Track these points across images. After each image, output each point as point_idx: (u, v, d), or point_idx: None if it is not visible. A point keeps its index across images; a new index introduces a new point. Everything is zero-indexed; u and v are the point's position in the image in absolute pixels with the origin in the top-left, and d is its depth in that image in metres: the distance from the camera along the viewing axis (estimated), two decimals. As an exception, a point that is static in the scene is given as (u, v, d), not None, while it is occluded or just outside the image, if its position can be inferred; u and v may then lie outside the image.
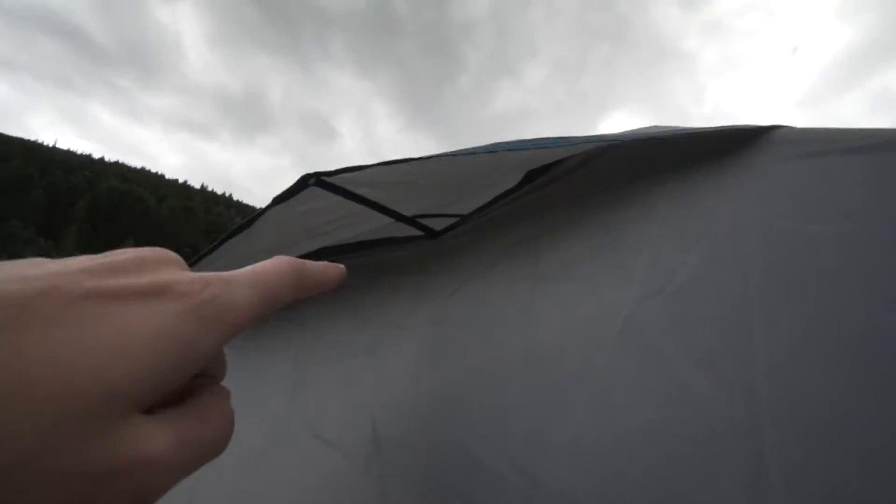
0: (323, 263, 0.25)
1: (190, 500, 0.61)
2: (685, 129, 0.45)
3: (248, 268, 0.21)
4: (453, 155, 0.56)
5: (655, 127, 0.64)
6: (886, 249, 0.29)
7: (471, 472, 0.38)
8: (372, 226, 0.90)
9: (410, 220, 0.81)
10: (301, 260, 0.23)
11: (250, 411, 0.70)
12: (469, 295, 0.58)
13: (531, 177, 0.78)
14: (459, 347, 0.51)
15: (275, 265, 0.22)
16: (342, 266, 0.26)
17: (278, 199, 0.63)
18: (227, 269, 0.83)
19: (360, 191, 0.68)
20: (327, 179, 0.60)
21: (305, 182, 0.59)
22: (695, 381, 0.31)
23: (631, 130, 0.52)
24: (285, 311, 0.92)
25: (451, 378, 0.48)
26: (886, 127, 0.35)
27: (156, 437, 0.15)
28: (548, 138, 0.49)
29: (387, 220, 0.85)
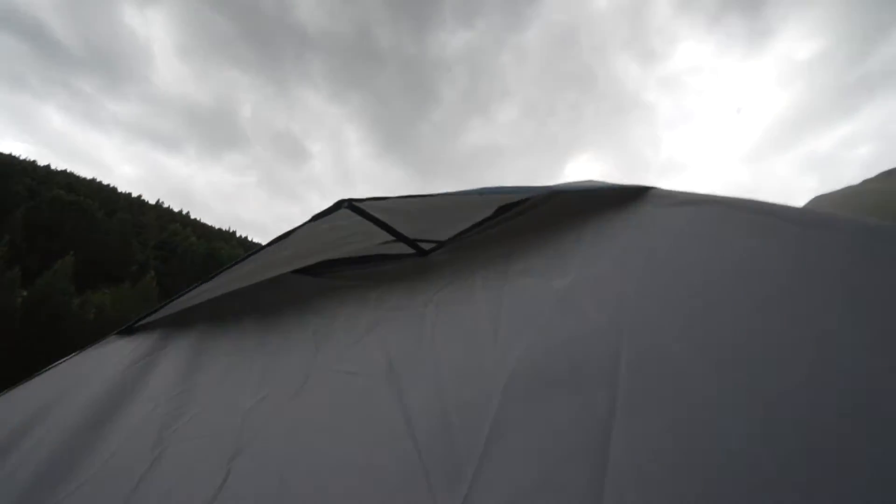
0: None
1: (243, 422, 0.78)
2: (605, 184, 0.70)
3: None
4: (452, 194, 0.78)
5: (591, 181, 0.92)
6: (701, 242, 0.57)
7: (468, 379, 0.59)
8: (371, 243, 1.10)
9: (409, 241, 1.02)
10: None
11: (281, 368, 0.88)
12: (454, 290, 0.81)
13: (501, 211, 1.02)
14: (450, 315, 0.73)
15: None
16: None
17: (316, 217, 0.83)
18: (254, 274, 1.08)
19: (376, 214, 0.89)
20: (357, 205, 0.80)
21: (340, 205, 0.80)
22: (589, 312, 0.57)
23: (573, 182, 0.77)
24: (300, 302, 1.14)
25: (448, 330, 0.70)
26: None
27: None
28: (520, 187, 0.73)
29: (384, 238, 1.05)
